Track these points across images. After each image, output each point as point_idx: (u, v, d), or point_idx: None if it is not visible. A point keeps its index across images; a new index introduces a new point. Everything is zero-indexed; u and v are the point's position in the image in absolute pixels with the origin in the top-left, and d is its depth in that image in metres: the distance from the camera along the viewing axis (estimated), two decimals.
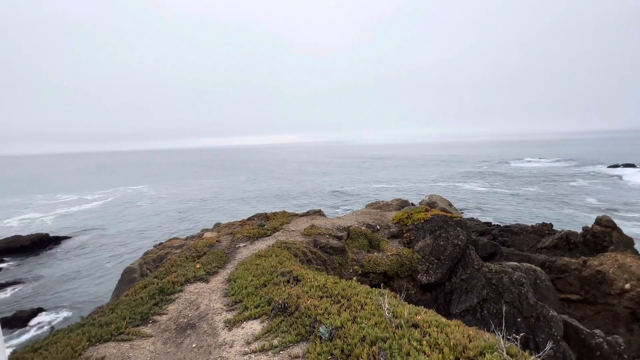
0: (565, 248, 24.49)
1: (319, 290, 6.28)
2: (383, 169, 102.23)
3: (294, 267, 8.10)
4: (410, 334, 4.27)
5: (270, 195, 60.83)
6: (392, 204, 15.63)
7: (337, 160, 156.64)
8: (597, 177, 64.95)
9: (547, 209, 42.12)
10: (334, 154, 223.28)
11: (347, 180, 76.77)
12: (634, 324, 18.01)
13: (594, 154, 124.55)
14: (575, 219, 35.56)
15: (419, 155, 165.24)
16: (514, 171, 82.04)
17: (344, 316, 5.06)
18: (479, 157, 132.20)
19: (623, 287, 19.20)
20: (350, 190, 62.09)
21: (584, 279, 20.62)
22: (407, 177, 78.40)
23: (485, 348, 3.67)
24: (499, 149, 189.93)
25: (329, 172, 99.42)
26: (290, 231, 12.79)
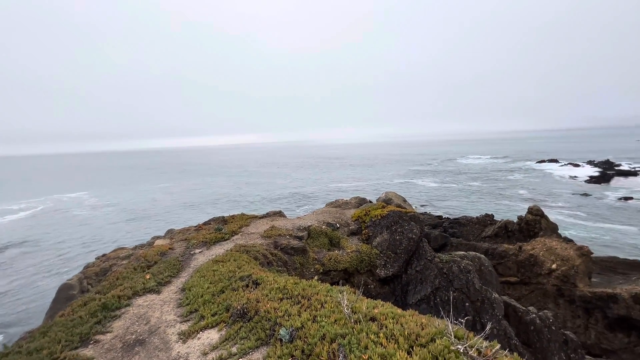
0: (504, 236, 27.19)
1: (279, 292, 6.20)
2: (344, 168, 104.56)
3: (253, 271, 7.90)
4: (368, 327, 4.39)
5: (228, 199, 58.76)
6: (351, 202, 16.03)
7: (299, 160, 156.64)
8: (528, 172, 73.24)
9: (489, 201, 46.46)
10: (296, 154, 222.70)
11: (308, 181, 77.10)
12: (560, 299, 20.62)
13: (526, 151, 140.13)
14: (511, 209, 39.62)
15: (378, 155, 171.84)
16: (461, 167, 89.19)
17: (304, 316, 5.05)
18: (431, 155, 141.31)
19: (551, 268, 21.88)
20: (311, 190, 62.44)
21: (520, 263, 23.10)
22: (366, 176, 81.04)
23: (436, 334, 3.91)
24: (448, 147, 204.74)
25: (290, 172, 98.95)
26: (249, 234, 12.46)
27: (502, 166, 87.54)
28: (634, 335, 17.08)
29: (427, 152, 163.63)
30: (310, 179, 79.44)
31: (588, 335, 18.50)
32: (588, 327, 18.88)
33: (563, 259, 21.88)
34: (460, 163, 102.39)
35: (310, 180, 77.25)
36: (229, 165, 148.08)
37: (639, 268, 24.46)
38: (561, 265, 21.59)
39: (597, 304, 18.81)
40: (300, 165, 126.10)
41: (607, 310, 18.28)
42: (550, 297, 20.94)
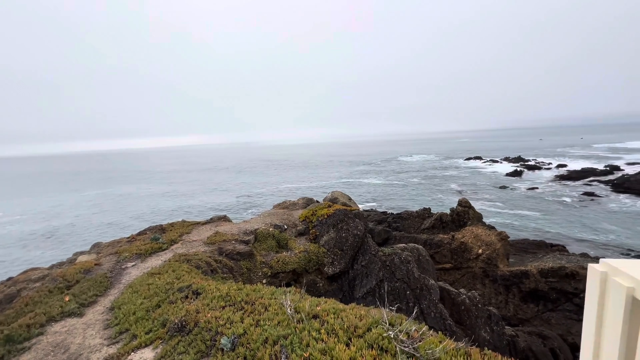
0: (440, 227, 29.87)
1: (221, 300, 5.96)
2: (293, 170, 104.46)
3: (194, 281, 7.47)
4: (311, 325, 4.47)
5: (168, 205, 54.49)
6: (299, 203, 16.12)
7: (245, 162, 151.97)
8: (458, 168, 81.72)
9: (427, 195, 50.70)
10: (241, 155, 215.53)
11: (256, 183, 75.34)
12: (486, 280, 23.37)
13: (457, 149, 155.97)
14: (445, 202, 43.73)
15: (328, 155, 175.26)
16: (402, 165, 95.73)
17: (247, 322, 4.94)
18: (377, 155, 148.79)
19: (478, 253, 24.68)
20: (258, 193, 61.14)
21: (453, 250, 25.61)
22: (315, 176, 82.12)
23: (372, 324, 4.15)
24: (392, 147, 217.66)
25: (235, 175, 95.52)
26: (191, 242, 11.74)
27: (437, 163, 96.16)
28: (542, 304, 20.12)
29: (373, 152, 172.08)
30: (259, 182, 77.78)
31: (508, 309, 21.31)
32: (507, 301, 21.75)
33: (487, 244, 24.89)
34: (402, 161, 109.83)
35: (258, 183, 75.60)
36: (168, 169, 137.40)
37: (544, 247, 28.99)
38: (486, 249, 24.52)
39: (514, 281, 21.77)
40: (248, 167, 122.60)
41: (521, 285, 21.28)
42: (478, 278, 23.66)
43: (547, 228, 31.12)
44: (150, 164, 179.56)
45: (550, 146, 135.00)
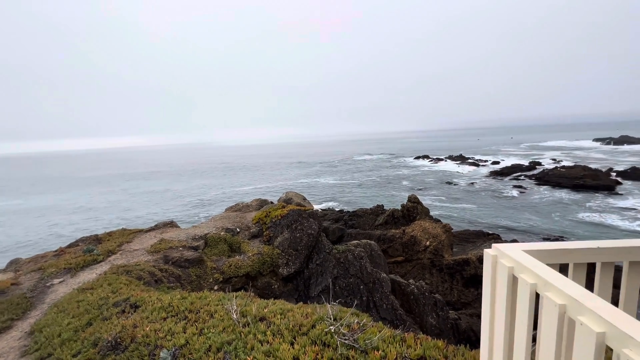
0: (392, 222, 31.42)
1: (162, 311, 5.60)
2: (248, 171, 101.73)
3: (133, 293, 6.91)
4: (257, 328, 4.42)
5: (107, 214, 49.58)
6: (252, 205, 15.79)
7: (196, 164, 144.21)
8: (408, 166, 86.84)
9: (381, 192, 53.01)
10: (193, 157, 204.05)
11: (206, 186, 71.89)
12: (433, 269, 25.14)
13: (407, 148, 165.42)
14: (397, 199, 46.11)
15: (285, 155, 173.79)
16: (358, 164, 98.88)
17: (189, 332, 4.71)
18: (334, 155, 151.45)
19: (426, 245, 26.43)
20: (209, 197, 58.45)
21: (404, 244, 27.13)
22: (271, 177, 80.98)
23: (317, 320, 4.23)
24: (349, 147, 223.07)
25: (184, 178, 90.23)
26: (132, 251, 10.83)
27: (389, 162, 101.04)
28: (481, 288, 22.26)
29: (331, 152, 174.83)
30: (211, 185, 74.38)
31: (452, 294, 23.19)
32: (452, 287, 23.67)
33: (434, 237, 26.80)
34: (357, 160, 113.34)
35: (210, 186, 72.26)
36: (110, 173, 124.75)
37: (482, 236, 32.05)
38: (433, 241, 26.40)
39: (457, 269, 23.76)
40: (200, 169, 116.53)
41: (463, 272, 23.29)
42: (427, 268, 25.38)
43: (484, 219, 34.54)
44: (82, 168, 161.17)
45: (487, 145, 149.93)
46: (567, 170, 52.18)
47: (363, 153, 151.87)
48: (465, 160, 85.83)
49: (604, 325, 1.21)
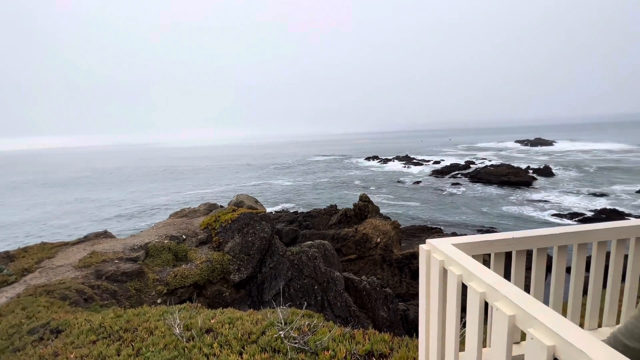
0: (345, 221, 32.23)
1: (91, 334, 4.97)
2: (194, 174, 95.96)
3: (55, 316, 6.03)
4: (203, 341, 4.15)
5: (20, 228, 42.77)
6: (200, 210, 14.93)
7: (140, 167, 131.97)
8: (360, 167, 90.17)
9: (334, 192, 54.11)
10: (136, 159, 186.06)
11: (149, 191, 66.18)
12: (384, 265, 26.37)
13: (358, 150, 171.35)
14: (349, 198, 47.47)
15: (234, 156, 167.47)
16: (312, 166, 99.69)
17: (124, 354, 4.25)
18: (288, 156, 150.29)
19: (377, 241, 27.60)
20: (152, 203, 53.92)
21: (357, 242, 28.01)
22: (221, 180, 77.54)
23: (267, 326, 4.12)
24: (304, 148, 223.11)
25: (122, 184, 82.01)
26: (54, 268, 9.47)
27: (342, 163, 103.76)
28: None
29: (286, 153, 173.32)
30: (154, 189, 68.68)
31: (402, 287, 24.58)
32: (401, 281, 25.10)
33: (384, 233, 28.14)
34: (311, 161, 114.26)
35: (153, 191, 66.66)
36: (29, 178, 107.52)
37: (426, 231, 34.47)
38: (383, 238, 27.70)
39: (405, 262, 25.26)
40: (143, 173, 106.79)
41: (411, 265, 24.82)
42: (378, 264, 26.55)
43: (427, 214, 37.33)
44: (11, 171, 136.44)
45: (429, 146, 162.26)
46: (495, 169, 58.90)
47: (317, 154, 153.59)
48: (411, 161, 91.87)
49: (514, 309, 1.35)
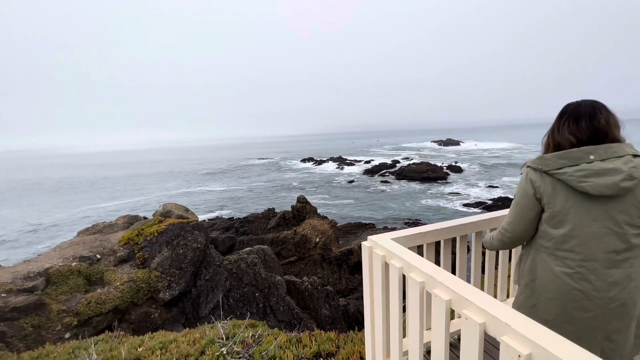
0: (284, 224, 32.05)
1: None
2: (108, 184, 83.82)
3: None
4: None
5: None
6: (118, 224, 13.08)
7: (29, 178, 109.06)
8: (297, 168, 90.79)
9: (271, 196, 53.30)
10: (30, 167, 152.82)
11: (48, 206, 55.44)
12: (324, 264, 26.97)
13: (293, 151, 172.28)
14: (287, 200, 47.41)
15: (157, 162, 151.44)
16: (248, 169, 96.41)
17: None
18: (221, 160, 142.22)
19: (316, 241, 28.08)
20: (53, 220, 45.26)
21: (296, 244, 28.07)
22: (140, 190, 69.35)
23: (207, 345, 3.80)
24: (239, 151, 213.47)
25: (15, 199, 67.13)
26: None
27: (278, 165, 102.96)
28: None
29: (220, 157, 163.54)
30: (54, 204, 57.77)
31: (341, 283, 25.49)
32: (341, 277, 26.02)
33: (322, 233, 28.82)
34: (247, 165, 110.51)
35: (53, 206, 56.03)
36: None
37: (361, 227, 36.43)
38: (322, 237, 28.34)
39: (343, 259, 26.27)
40: (40, 184, 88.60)
41: (348, 261, 25.92)
42: (318, 264, 27.06)
43: (361, 211, 39.55)
44: None
45: (360, 147, 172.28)
46: (417, 167, 65.61)
47: (253, 157, 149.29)
48: (344, 161, 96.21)
49: (450, 294, 1.48)
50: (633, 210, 1.54)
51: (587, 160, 1.55)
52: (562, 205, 1.62)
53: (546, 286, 1.70)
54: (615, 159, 1.54)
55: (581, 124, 1.62)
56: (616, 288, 1.55)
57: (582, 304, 1.59)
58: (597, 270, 1.57)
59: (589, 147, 1.58)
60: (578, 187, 1.55)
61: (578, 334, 1.61)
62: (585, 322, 1.60)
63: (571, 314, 1.62)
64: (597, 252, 1.57)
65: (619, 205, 1.54)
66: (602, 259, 1.56)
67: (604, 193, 1.51)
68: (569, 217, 1.61)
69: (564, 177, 1.58)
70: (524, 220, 1.76)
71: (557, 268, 1.66)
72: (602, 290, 1.56)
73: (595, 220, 1.56)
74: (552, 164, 1.62)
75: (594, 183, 1.52)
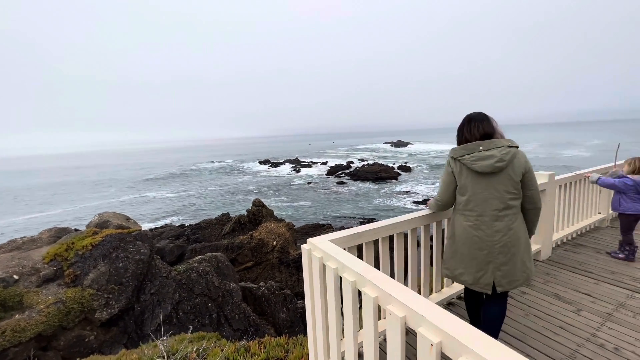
0: (239, 229, 31.05)
1: None
2: (31, 193, 73.33)
3: None
4: None
5: None
6: (42, 238, 11.47)
7: None
8: (253, 170, 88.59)
9: (225, 200, 51.23)
10: None
11: None
12: (282, 267, 26.67)
13: (249, 153, 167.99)
14: (243, 204, 46.05)
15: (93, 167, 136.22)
16: (200, 173, 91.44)
17: None
18: (169, 164, 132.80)
19: (273, 245, 27.66)
20: None
21: (253, 248, 27.35)
22: (72, 198, 61.90)
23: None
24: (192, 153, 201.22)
25: None
26: None
27: (233, 168, 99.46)
28: None
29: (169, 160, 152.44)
30: None
31: (299, 286, 25.40)
32: (299, 279, 25.95)
33: (279, 236, 28.49)
34: (200, 168, 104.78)
35: None
36: None
37: (319, 228, 36.73)
38: (279, 241, 28.00)
39: (301, 261, 26.24)
40: None
41: None
42: (276, 267, 26.66)
43: (318, 212, 39.92)
44: None
45: (316, 149, 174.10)
46: (370, 167, 68.21)
47: (206, 160, 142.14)
48: (301, 163, 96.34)
49: (377, 291, 1.55)
50: (507, 182, 2.27)
51: (477, 150, 2.28)
52: (464, 180, 2.37)
53: (460, 235, 2.45)
54: (494, 149, 2.25)
55: (478, 127, 2.34)
56: (499, 234, 2.29)
57: (479, 245, 2.33)
58: (486, 222, 2.31)
59: (479, 142, 2.31)
60: (472, 168, 2.29)
61: (479, 266, 2.35)
62: (482, 257, 2.34)
63: (474, 252, 2.37)
64: (486, 210, 2.31)
65: (498, 179, 2.27)
66: (489, 215, 2.31)
67: (486, 171, 2.24)
68: (469, 188, 2.37)
69: (464, 161, 2.31)
70: (448, 191, 2.53)
71: (465, 222, 2.41)
72: (490, 236, 2.30)
73: (484, 189, 2.31)
74: (459, 153, 2.36)
75: (480, 165, 2.24)
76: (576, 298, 3.58)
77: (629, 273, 4.18)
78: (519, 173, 2.26)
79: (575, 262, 4.57)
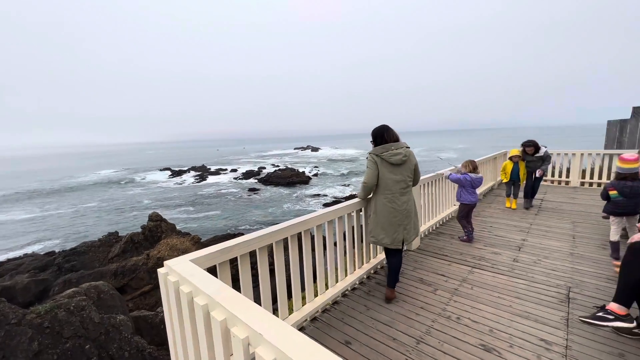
0: (133, 249, 26.78)
1: None
2: None
3: None
4: None
5: None
6: None
7: None
8: (146, 181, 77.81)
9: (114, 217, 43.48)
10: None
11: None
12: None
13: (142, 161, 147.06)
14: (138, 220, 39.98)
15: None
16: (75, 187, 74.87)
17: None
18: (29, 176, 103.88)
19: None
20: None
21: (150, 270, 23.92)
22: None
23: None
24: (67, 162, 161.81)
25: None
26: None
27: (125, 178, 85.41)
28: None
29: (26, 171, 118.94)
30: None
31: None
32: None
33: (183, 252, 25.68)
34: (74, 182, 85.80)
35: None
36: None
37: (229, 237, 34.67)
38: None
39: None
40: None
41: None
42: None
43: (229, 221, 37.86)
44: None
45: (225, 155, 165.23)
46: (282, 172, 68.63)
47: (92, 170, 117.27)
48: (208, 170, 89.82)
49: (224, 313, 1.45)
50: (407, 170, 3.56)
51: (390, 149, 3.47)
52: (383, 169, 3.50)
53: (381, 209, 3.57)
54: (400, 149, 3.49)
55: (392, 134, 3.56)
56: (405, 205, 3.56)
57: (394, 214, 3.53)
58: (397, 197, 3.53)
59: (391, 144, 3.50)
60: (389, 161, 3.45)
61: (395, 228, 3.54)
62: (396, 222, 3.54)
63: (391, 219, 3.53)
64: (396, 189, 3.53)
65: (402, 168, 3.53)
66: (397, 192, 3.54)
67: (397, 163, 3.46)
68: (385, 175, 3.51)
69: (383, 156, 3.45)
70: (373, 176, 3.54)
71: (384, 200, 3.55)
72: (400, 206, 3.53)
73: (394, 175, 3.51)
74: (380, 151, 3.48)
75: (394, 159, 3.44)
76: (434, 279, 4.29)
77: (471, 252, 5.26)
78: (413, 164, 3.60)
79: (437, 248, 5.51)
